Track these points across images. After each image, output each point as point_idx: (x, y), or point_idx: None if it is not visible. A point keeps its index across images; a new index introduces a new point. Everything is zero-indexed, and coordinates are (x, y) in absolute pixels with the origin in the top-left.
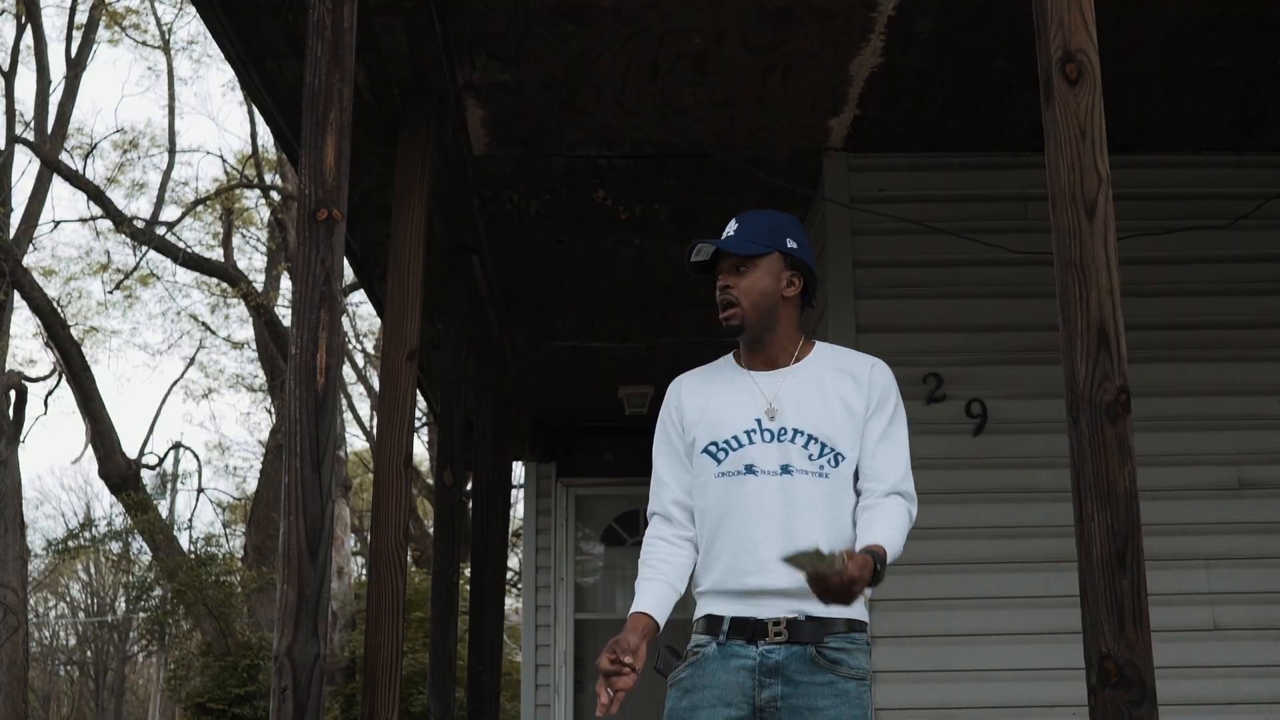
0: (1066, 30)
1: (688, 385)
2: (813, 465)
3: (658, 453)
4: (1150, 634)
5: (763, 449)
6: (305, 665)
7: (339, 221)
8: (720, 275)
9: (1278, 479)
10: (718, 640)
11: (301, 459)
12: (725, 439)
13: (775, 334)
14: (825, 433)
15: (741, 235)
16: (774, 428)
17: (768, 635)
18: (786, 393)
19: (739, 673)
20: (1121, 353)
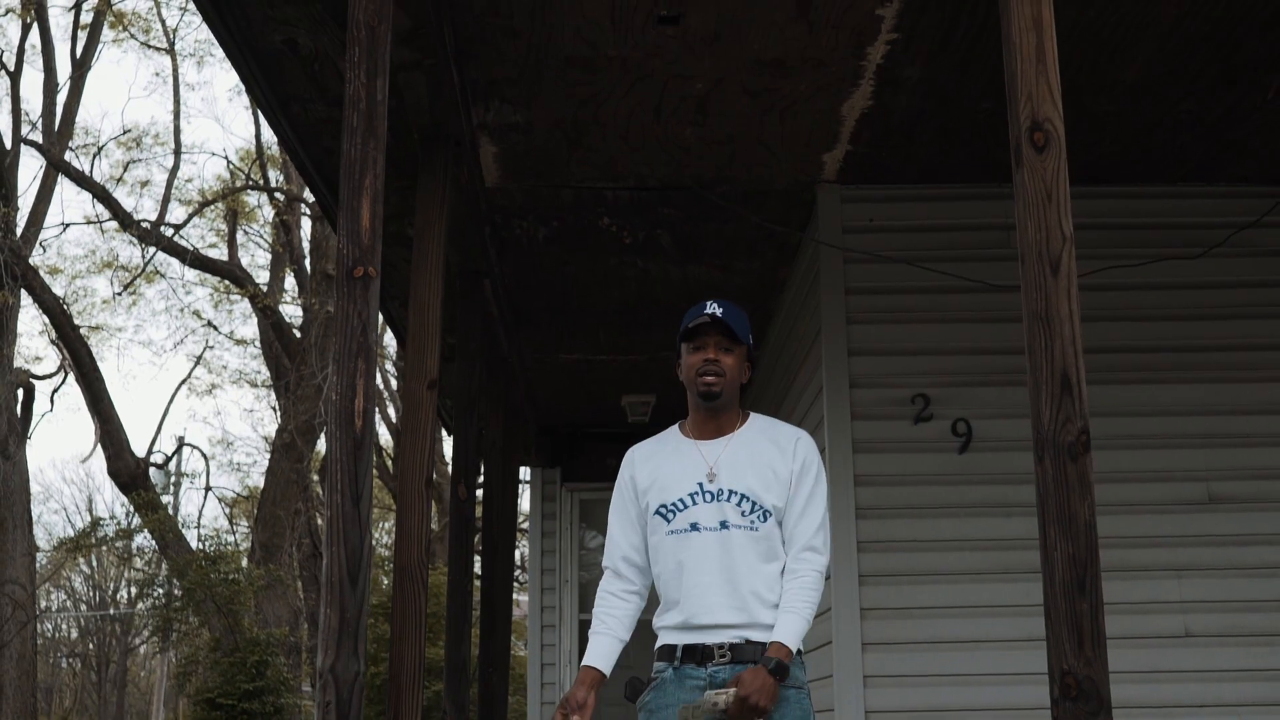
0: (1035, 102)
1: (640, 455)
2: (745, 520)
3: (613, 514)
4: (1107, 652)
5: (704, 509)
6: (347, 681)
7: (374, 278)
8: (709, 345)
9: (1246, 494)
10: (673, 665)
11: (342, 495)
12: (673, 501)
13: (730, 408)
14: (755, 492)
15: (732, 318)
16: (713, 489)
17: (714, 658)
18: (725, 459)
19: (693, 691)
20: (1083, 397)
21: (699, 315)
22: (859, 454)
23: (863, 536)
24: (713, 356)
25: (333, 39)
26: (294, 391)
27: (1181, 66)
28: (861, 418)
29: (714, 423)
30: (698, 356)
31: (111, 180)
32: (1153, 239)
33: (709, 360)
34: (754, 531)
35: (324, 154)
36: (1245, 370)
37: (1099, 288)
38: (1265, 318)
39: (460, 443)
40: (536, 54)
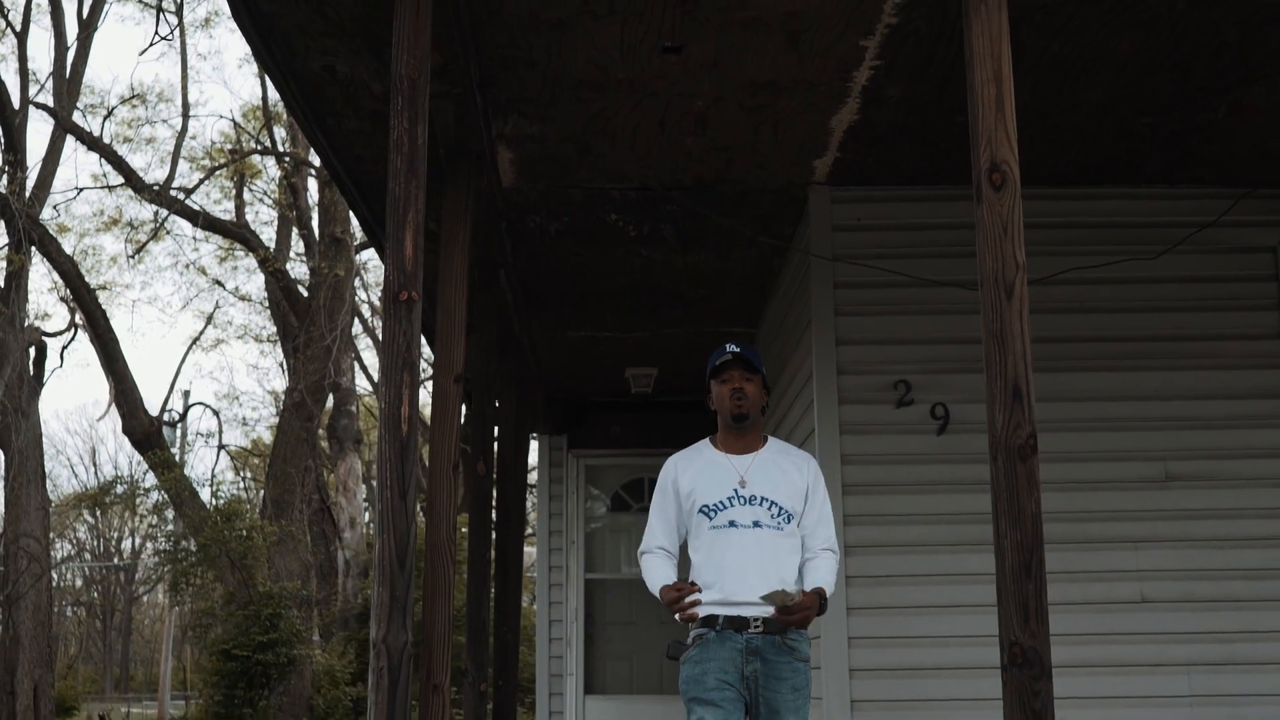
0: (993, 146)
1: (681, 463)
2: (774, 521)
3: (655, 510)
4: (1049, 626)
5: (740, 510)
6: (397, 650)
7: (416, 302)
8: (732, 378)
9: (1200, 473)
10: (716, 629)
11: (391, 490)
12: (714, 502)
13: (755, 428)
14: (780, 500)
15: (751, 355)
16: (746, 494)
17: (749, 627)
18: (753, 471)
19: (732, 650)
20: (1031, 405)
21: (723, 355)
22: (846, 435)
23: (849, 511)
24: (738, 386)
25: (367, 66)
26: (303, 352)
27: (1139, 90)
28: (848, 402)
29: (742, 440)
30: (726, 388)
31: (119, 140)
32: (1118, 237)
33: (736, 389)
34: (780, 531)
35: (355, 160)
36: (1201, 359)
37: (1068, 282)
38: (1220, 310)
39: (478, 422)
40: (552, 79)
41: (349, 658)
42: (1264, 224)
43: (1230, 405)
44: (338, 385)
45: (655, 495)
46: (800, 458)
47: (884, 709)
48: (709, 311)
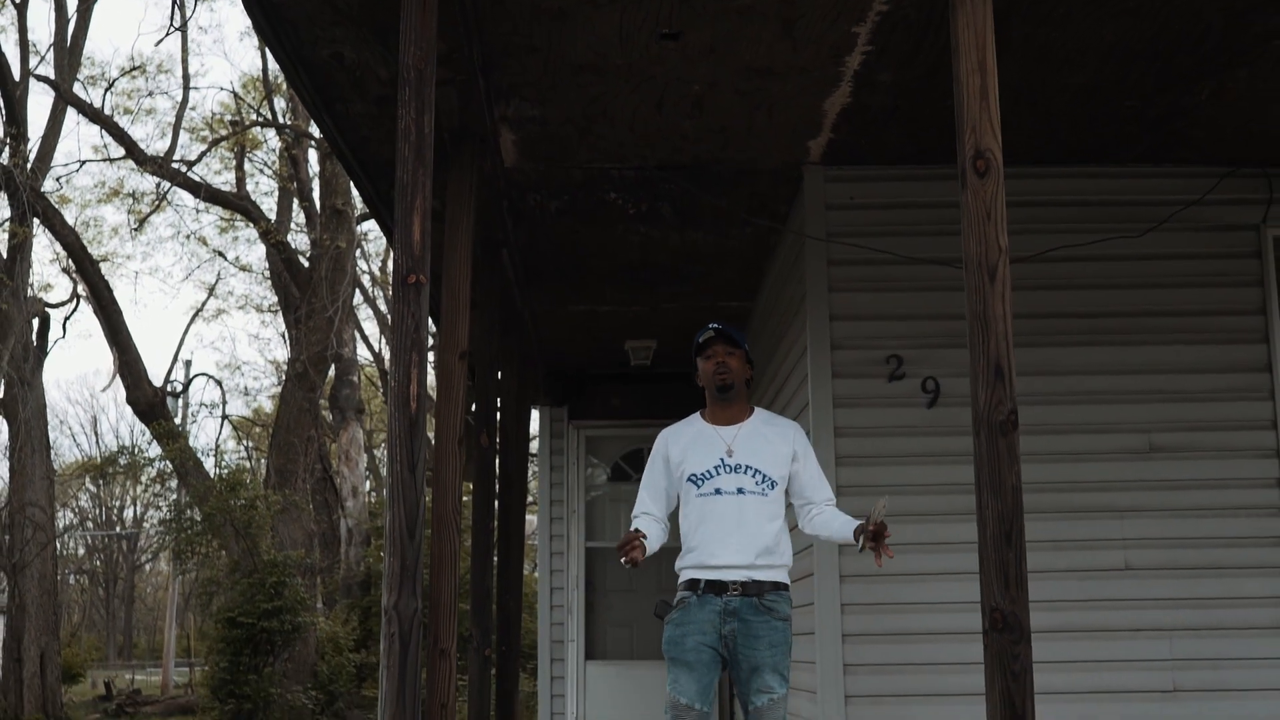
0: (978, 134)
1: (672, 436)
2: (758, 488)
3: (646, 481)
4: (1028, 593)
5: (726, 478)
6: (408, 616)
7: (424, 285)
8: (716, 354)
9: (1183, 444)
10: (697, 593)
11: (401, 464)
12: (702, 471)
13: (740, 400)
14: (764, 468)
15: (731, 331)
16: (732, 463)
17: (728, 590)
18: (739, 441)
19: (711, 613)
20: (1012, 383)
21: (705, 333)
22: (839, 408)
23: (841, 481)
24: (722, 360)
25: (374, 52)
26: (305, 323)
27: (1123, 75)
28: (841, 376)
29: (728, 412)
30: (710, 363)
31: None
32: (1105, 215)
33: (720, 363)
34: (764, 497)
35: (361, 142)
36: (1185, 334)
37: (1055, 259)
38: (1205, 287)
39: (481, 395)
40: (553, 64)
41: (352, 624)
42: (1248, 202)
43: (1212, 379)
44: (340, 356)
45: (647, 466)
46: (785, 426)
47: (875, 672)
48: (707, 286)
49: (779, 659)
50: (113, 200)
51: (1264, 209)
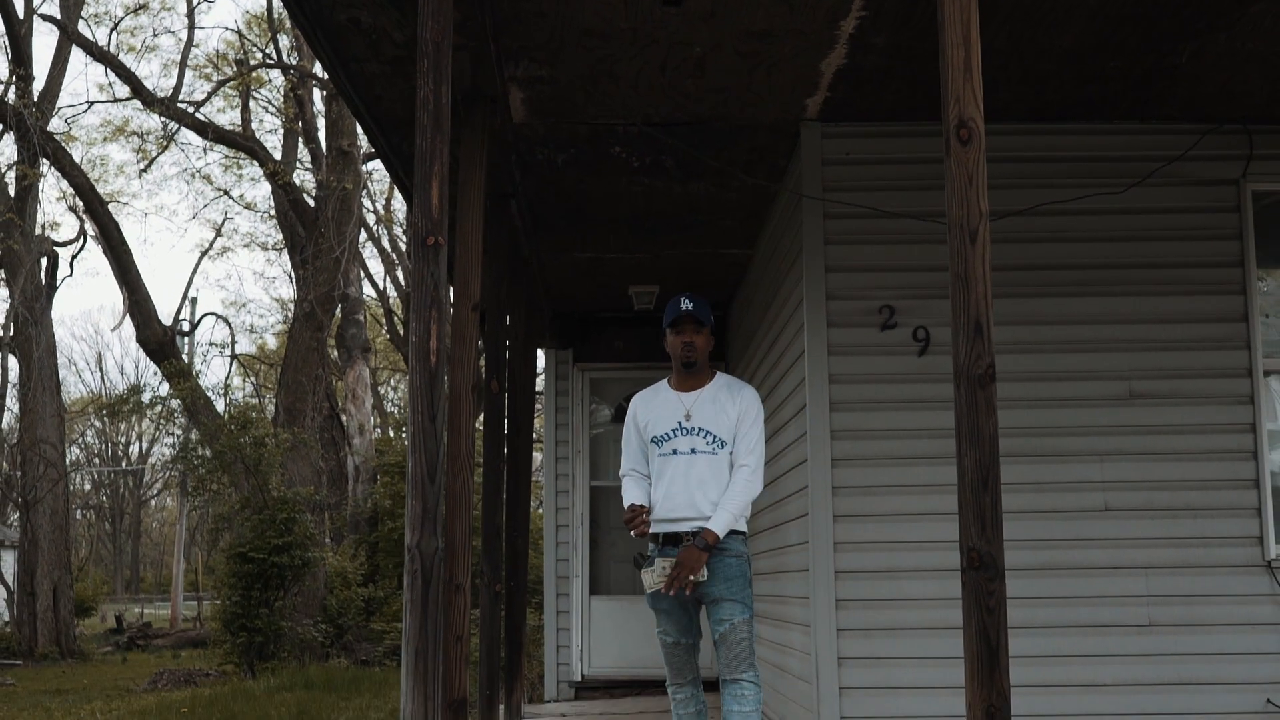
0: (961, 105)
1: (640, 402)
2: (709, 448)
3: (625, 442)
4: (1003, 534)
5: (682, 439)
6: (429, 554)
7: (442, 246)
8: (684, 331)
9: (1161, 391)
10: (659, 547)
11: (422, 414)
12: (662, 434)
13: (703, 370)
14: (716, 430)
15: (699, 311)
16: (689, 426)
17: (681, 541)
18: (697, 405)
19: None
20: (990, 339)
21: (677, 311)
22: (833, 356)
23: (836, 426)
24: (689, 339)
25: (389, 17)
26: (312, 263)
27: (1108, 37)
28: (836, 325)
29: (691, 379)
30: (679, 339)
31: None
32: (1091, 170)
33: (687, 342)
34: (714, 456)
35: (375, 99)
36: (1166, 285)
37: (1043, 212)
38: (1183, 239)
39: (491, 342)
40: (560, 28)
41: (360, 559)
42: (1228, 158)
43: (1191, 328)
44: (346, 296)
45: (624, 430)
46: (739, 389)
47: (865, 607)
48: (707, 235)
49: (735, 590)
50: (118, 138)
51: (1244, 164)
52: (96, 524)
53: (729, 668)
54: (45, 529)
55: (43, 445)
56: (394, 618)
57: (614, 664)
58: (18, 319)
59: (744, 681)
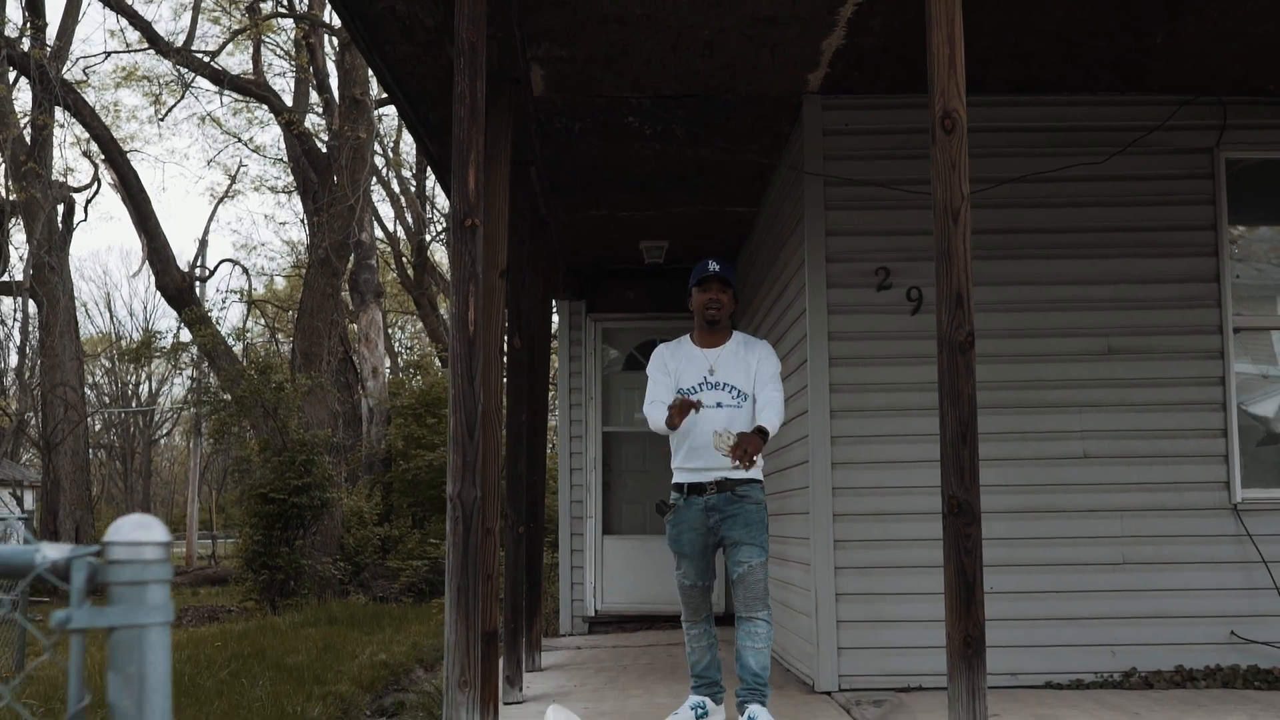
0: (946, 97)
1: (667, 351)
2: (733, 401)
3: (653, 380)
4: (979, 484)
5: (707, 393)
6: (469, 503)
7: (479, 227)
8: (711, 289)
9: (1137, 347)
10: (684, 495)
11: (462, 377)
12: (688, 387)
13: (724, 328)
14: (738, 384)
15: (725, 272)
16: (713, 380)
17: (707, 491)
18: (720, 361)
19: (696, 510)
20: (970, 309)
21: (705, 272)
22: (833, 315)
23: (834, 380)
24: (715, 296)
25: (422, 4)
26: (326, 210)
27: (1088, 20)
28: (835, 285)
29: (713, 336)
30: (705, 296)
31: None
32: (1075, 139)
33: (713, 299)
34: (738, 409)
35: (406, 77)
36: (1142, 248)
37: (1029, 179)
38: (1160, 205)
39: (513, 301)
40: (580, 15)
41: (375, 500)
42: (1203, 128)
43: (1166, 288)
44: (360, 243)
45: (651, 371)
46: (756, 345)
47: (861, 547)
48: (714, 195)
49: (754, 534)
50: (129, 83)
51: (1218, 134)
52: (108, 463)
53: (745, 606)
54: (67, 469)
55: (62, 388)
56: (409, 556)
57: (625, 600)
58: (37, 264)
59: (759, 619)
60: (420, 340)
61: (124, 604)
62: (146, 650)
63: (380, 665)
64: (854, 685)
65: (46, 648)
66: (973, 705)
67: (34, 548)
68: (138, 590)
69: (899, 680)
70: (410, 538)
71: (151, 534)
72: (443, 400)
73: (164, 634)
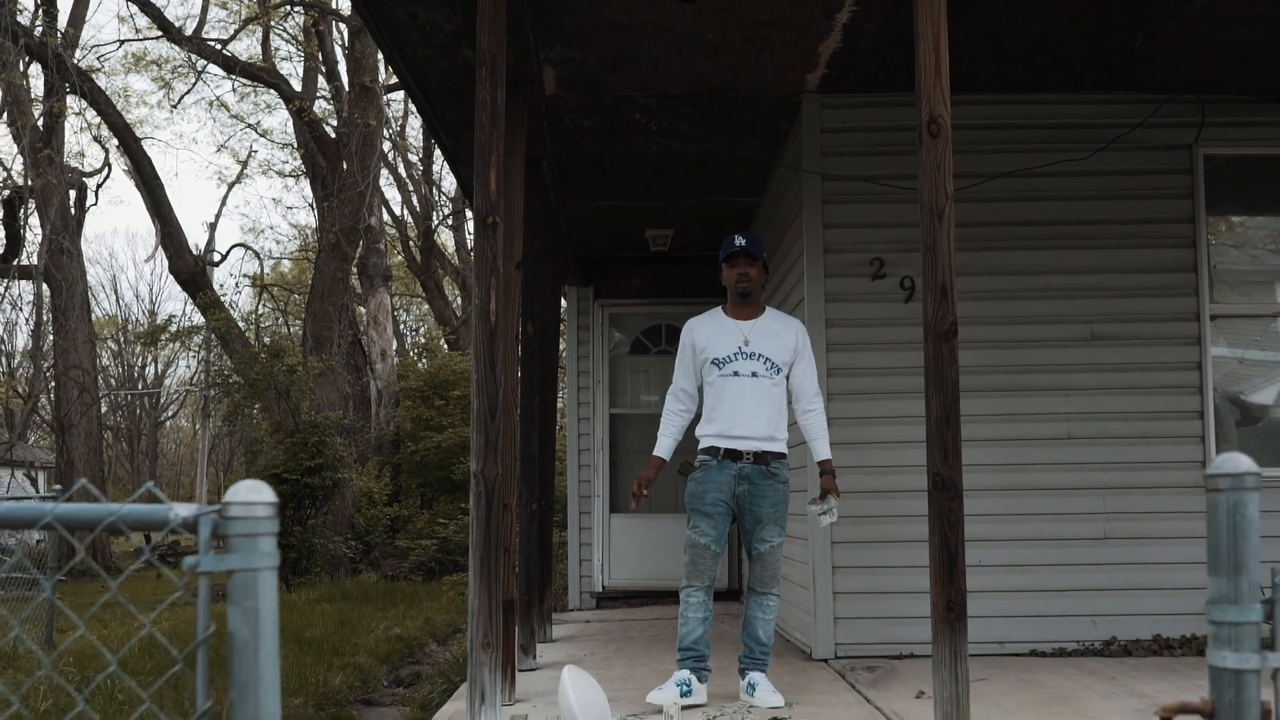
0: (932, 104)
1: (697, 325)
2: (768, 373)
3: (679, 363)
4: (961, 462)
5: (743, 363)
6: (491, 479)
7: (499, 224)
8: (739, 264)
9: (1119, 334)
10: (717, 458)
11: (484, 364)
12: (723, 355)
13: (756, 301)
14: (773, 356)
15: (753, 246)
16: (748, 351)
17: (743, 459)
18: (754, 333)
19: (728, 475)
20: (954, 301)
21: (732, 247)
22: (830, 302)
23: (831, 364)
24: (744, 270)
25: (440, 11)
26: (336, 196)
27: (1069, 25)
28: (832, 275)
29: (746, 309)
30: (734, 271)
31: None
32: (1060, 136)
33: (742, 273)
34: (772, 380)
35: (424, 77)
36: (1124, 239)
37: (1017, 174)
38: (1141, 198)
39: (527, 290)
40: (589, 21)
41: (384, 480)
42: (1182, 125)
43: (1146, 278)
44: (370, 228)
45: (679, 350)
46: (791, 322)
47: (856, 523)
48: (718, 185)
49: (779, 514)
50: (138, 68)
51: (1196, 131)
52: (114, 445)
53: (761, 582)
54: (80, 450)
55: (76, 371)
56: (418, 535)
57: (631, 576)
58: (51, 249)
59: (772, 594)
60: (427, 322)
61: (241, 552)
62: (259, 588)
63: (395, 639)
64: (849, 653)
65: (179, 587)
66: (955, 666)
67: (168, 507)
68: (251, 540)
69: (892, 648)
70: (419, 518)
71: (262, 495)
72: (450, 383)
73: (272, 576)
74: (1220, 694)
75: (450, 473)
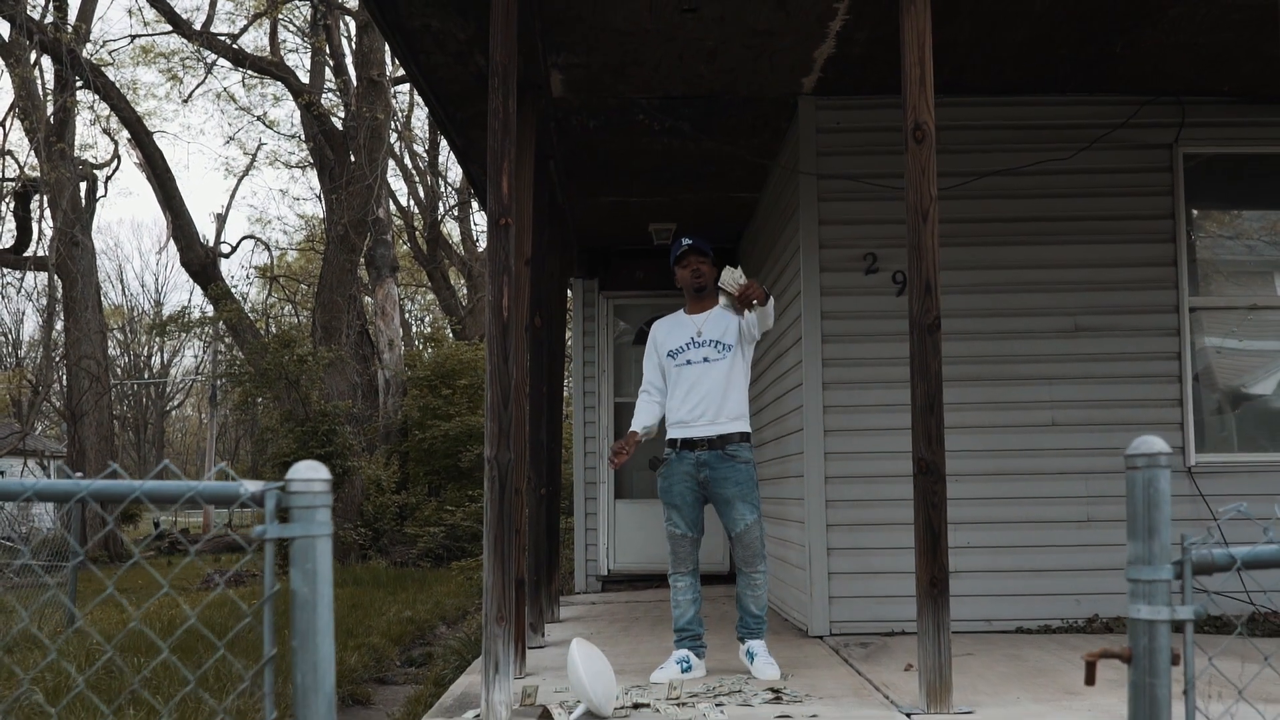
0: (917, 112)
1: (659, 326)
2: (719, 355)
3: (646, 361)
4: (944, 447)
5: (694, 351)
6: (504, 464)
7: (511, 226)
8: (691, 262)
9: (1102, 325)
10: (676, 450)
11: (498, 356)
12: (677, 347)
13: (709, 295)
14: (722, 338)
15: (699, 243)
16: (699, 339)
17: (698, 447)
18: (706, 324)
19: (688, 465)
20: (937, 296)
21: (680, 248)
22: (825, 296)
23: (826, 355)
24: (695, 267)
25: (454, 22)
26: (344, 189)
27: (1053, 33)
28: (828, 270)
29: (701, 304)
30: (687, 270)
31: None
32: (1045, 136)
33: (694, 270)
34: (725, 359)
35: (438, 82)
36: (1106, 235)
37: (1003, 172)
38: (1123, 195)
39: (535, 283)
40: (595, 29)
41: (392, 468)
42: (1162, 125)
43: (1128, 272)
44: (378, 220)
45: (646, 350)
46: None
47: (850, 506)
48: (719, 181)
49: (745, 492)
50: (145, 60)
51: (1176, 131)
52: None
53: (745, 563)
54: (91, 439)
55: (87, 361)
56: (426, 522)
57: (635, 560)
58: (63, 240)
59: (758, 572)
60: (433, 312)
61: (300, 522)
62: (317, 553)
63: (407, 621)
64: (843, 630)
65: (249, 551)
66: (938, 638)
67: (238, 484)
68: (310, 512)
69: (884, 625)
70: (427, 505)
71: (319, 474)
72: (456, 372)
73: (327, 543)
74: (1136, 642)
75: (457, 460)
